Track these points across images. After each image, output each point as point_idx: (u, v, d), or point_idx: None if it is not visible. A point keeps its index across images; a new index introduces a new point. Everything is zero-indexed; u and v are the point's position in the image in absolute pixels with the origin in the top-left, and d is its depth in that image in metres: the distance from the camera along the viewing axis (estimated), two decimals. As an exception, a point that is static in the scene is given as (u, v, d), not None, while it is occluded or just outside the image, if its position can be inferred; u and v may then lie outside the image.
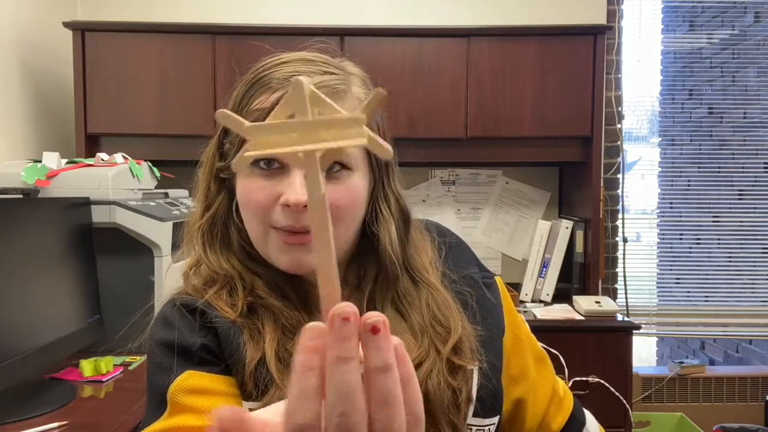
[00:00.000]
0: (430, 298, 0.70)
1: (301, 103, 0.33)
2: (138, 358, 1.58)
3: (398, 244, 0.70)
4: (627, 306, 2.52)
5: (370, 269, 0.70)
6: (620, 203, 2.58)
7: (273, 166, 0.64)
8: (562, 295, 2.34)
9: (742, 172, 2.74)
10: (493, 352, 0.71)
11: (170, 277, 0.75)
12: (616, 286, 2.60)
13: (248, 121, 0.57)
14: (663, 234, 2.80)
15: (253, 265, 0.70)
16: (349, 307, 0.31)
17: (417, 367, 0.62)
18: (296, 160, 0.34)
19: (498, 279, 0.80)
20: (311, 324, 0.32)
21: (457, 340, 0.67)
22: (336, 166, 0.64)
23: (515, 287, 2.36)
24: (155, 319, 0.70)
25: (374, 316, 0.31)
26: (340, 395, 0.30)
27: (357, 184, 0.65)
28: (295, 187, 0.62)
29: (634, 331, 2.02)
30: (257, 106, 0.64)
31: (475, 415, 0.67)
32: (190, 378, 0.64)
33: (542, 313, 2.12)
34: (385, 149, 0.34)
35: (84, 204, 1.55)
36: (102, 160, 1.72)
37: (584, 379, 1.91)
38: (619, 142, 2.55)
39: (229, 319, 0.65)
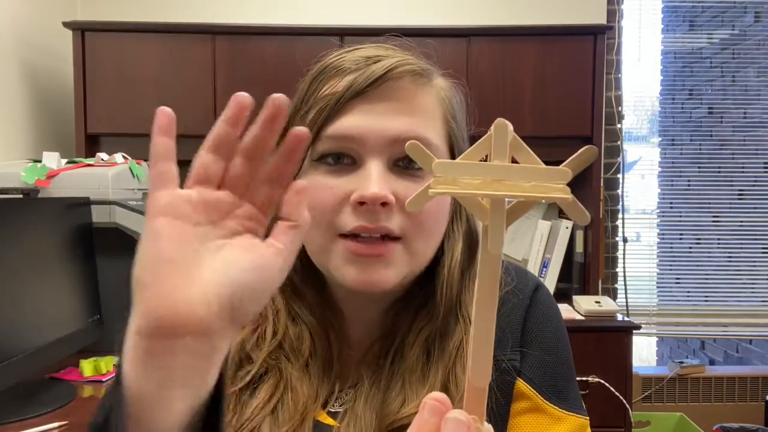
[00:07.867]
0: (465, 341, 0.57)
1: (500, 146, 0.29)
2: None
3: (458, 270, 0.59)
4: (627, 306, 2.52)
5: (418, 296, 0.60)
6: (620, 203, 2.58)
7: (343, 162, 0.55)
8: (562, 295, 2.33)
9: (742, 172, 2.74)
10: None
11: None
12: (616, 286, 2.60)
13: (315, 110, 0.55)
14: (663, 234, 2.80)
15: (296, 304, 0.61)
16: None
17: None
18: (478, 207, 0.29)
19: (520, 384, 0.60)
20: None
21: None
22: (416, 164, 0.56)
23: (515, 287, 2.36)
24: None
25: None
26: None
27: None
28: (370, 181, 0.52)
29: (634, 331, 2.02)
30: (327, 91, 0.55)
31: None
32: None
33: (542, 313, 2.11)
34: (586, 215, 0.30)
35: (84, 204, 1.55)
36: (102, 160, 1.72)
37: (584, 379, 1.91)
38: (619, 142, 2.55)
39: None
